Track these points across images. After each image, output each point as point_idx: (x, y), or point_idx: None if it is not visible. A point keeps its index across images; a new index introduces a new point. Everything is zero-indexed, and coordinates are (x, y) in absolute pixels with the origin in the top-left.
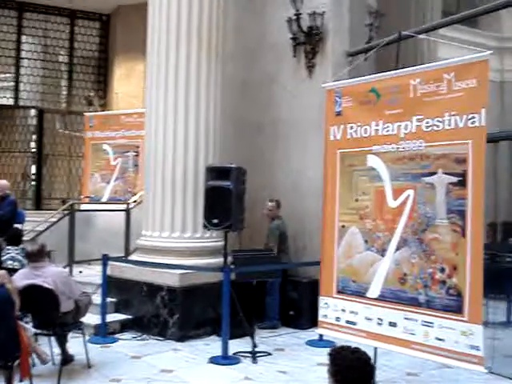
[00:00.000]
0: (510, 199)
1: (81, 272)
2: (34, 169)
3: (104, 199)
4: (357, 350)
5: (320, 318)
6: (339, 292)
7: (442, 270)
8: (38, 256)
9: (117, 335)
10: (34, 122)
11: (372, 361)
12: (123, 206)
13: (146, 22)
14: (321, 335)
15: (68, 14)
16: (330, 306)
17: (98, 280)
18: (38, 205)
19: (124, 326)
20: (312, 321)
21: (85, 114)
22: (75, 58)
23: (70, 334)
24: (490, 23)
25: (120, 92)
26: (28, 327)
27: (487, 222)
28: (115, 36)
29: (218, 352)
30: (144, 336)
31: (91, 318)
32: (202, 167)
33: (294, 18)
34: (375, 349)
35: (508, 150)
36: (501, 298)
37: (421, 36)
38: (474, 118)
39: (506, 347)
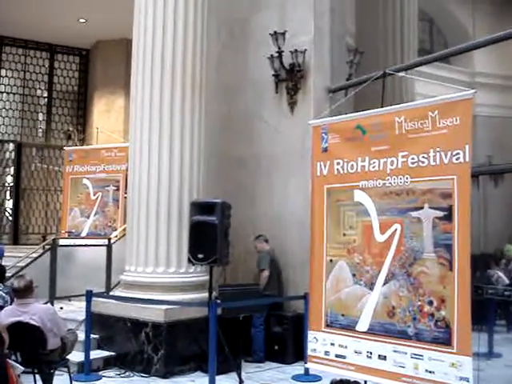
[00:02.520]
0: (485, 231)
1: (61, 308)
2: (11, 203)
3: (83, 234)
4: (356, 383)
5: (309, 353)
6: (328, 326)
7: (430, 303)
8: (25, 292)
9: (100, 372)
10: (12, 155)
11: None
12: (104, 241)
13: (125, 57)
14: (307, 369)
15: (47, 49)
16: (318, 340)
17: (80, 316)
18: (16, 240)
19: (107, 363)
20: (297, 355)
21: (64, 148)
22: (54, 92)
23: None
24: (462, 59)
25: (99, 127)
26: (16, 365)
27: None
28: (95, 71)
29: None
30: (128, 373)
31: (74, 355)
32: (186, 202)
33: (276, 55)
34: (365, 382)
35: (482, 182)
36: (483, 329)
37: (401, 74)
38: (458, 154)
39: (490, 378)
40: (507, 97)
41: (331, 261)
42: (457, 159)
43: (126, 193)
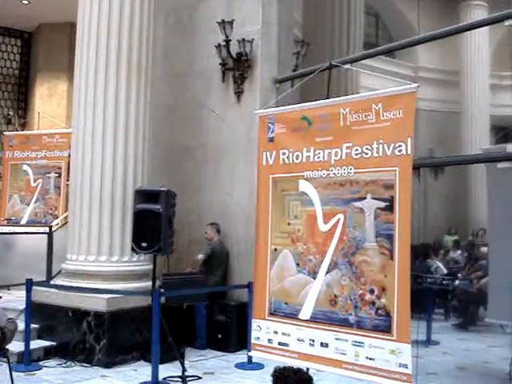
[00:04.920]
0: (425, 221)
1: (1, 297)
2: None
3: (23, 221)
4: (299, 370)
5: (252, 341)
6: (271, 314)
7: (372, 292)
8: None
9: (41, 362)
10: None
11: (314, 381)
12: (45, 229)
13: (69, 41)
14: (250, 358)
15: None
16: (262, 329)
17: (20, 305)
18: None
19: (48, 353)
20: (240, 343)
21: (4, 133)
22: None
23: None
24: (406, 53)
25: (41, 111)
26: None
27: None
28: (37, 54)
29: (147, 377)
30: (69, 363)
31: (14, 345)
32: (131, 190)
33: (224, 44)
34: (307, 369)
35: (423, 175)
36: (422, 317)
37: (347, 66)
38: (400, 146)
39: (428, 365)
40: (448, 91)
41: (276, 250)
42: (399, 151)
43: (68, 180)
